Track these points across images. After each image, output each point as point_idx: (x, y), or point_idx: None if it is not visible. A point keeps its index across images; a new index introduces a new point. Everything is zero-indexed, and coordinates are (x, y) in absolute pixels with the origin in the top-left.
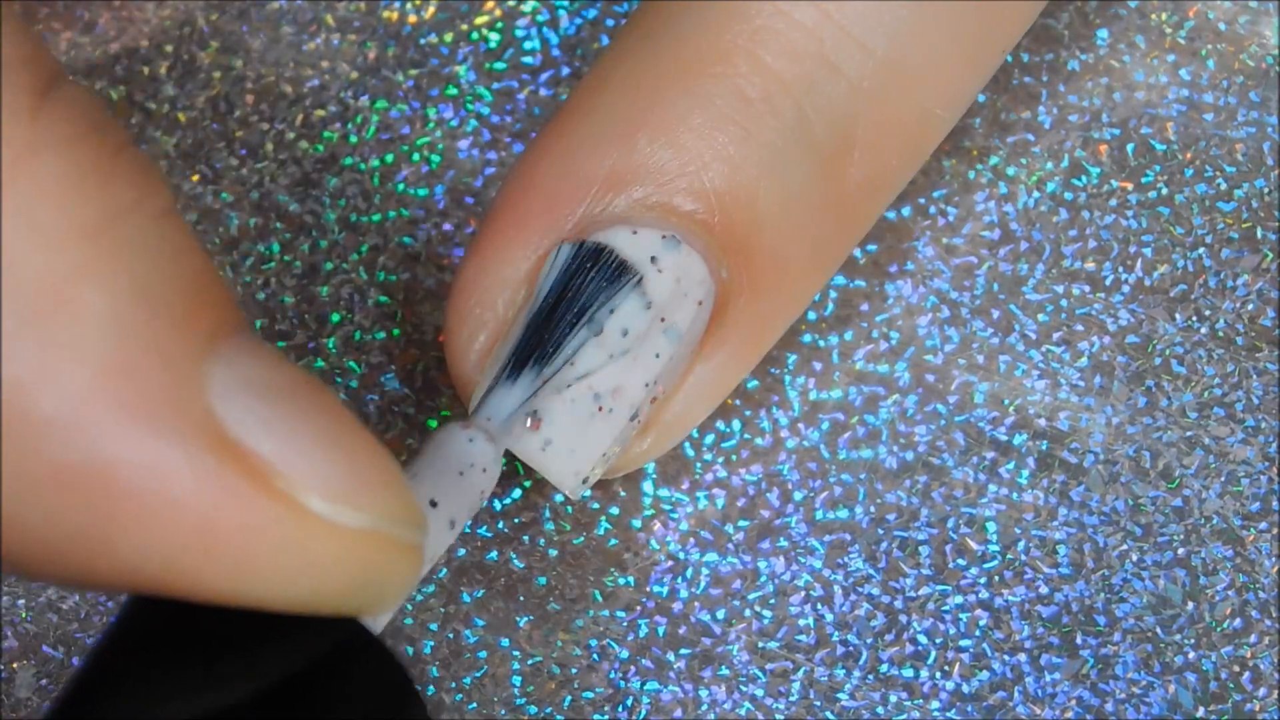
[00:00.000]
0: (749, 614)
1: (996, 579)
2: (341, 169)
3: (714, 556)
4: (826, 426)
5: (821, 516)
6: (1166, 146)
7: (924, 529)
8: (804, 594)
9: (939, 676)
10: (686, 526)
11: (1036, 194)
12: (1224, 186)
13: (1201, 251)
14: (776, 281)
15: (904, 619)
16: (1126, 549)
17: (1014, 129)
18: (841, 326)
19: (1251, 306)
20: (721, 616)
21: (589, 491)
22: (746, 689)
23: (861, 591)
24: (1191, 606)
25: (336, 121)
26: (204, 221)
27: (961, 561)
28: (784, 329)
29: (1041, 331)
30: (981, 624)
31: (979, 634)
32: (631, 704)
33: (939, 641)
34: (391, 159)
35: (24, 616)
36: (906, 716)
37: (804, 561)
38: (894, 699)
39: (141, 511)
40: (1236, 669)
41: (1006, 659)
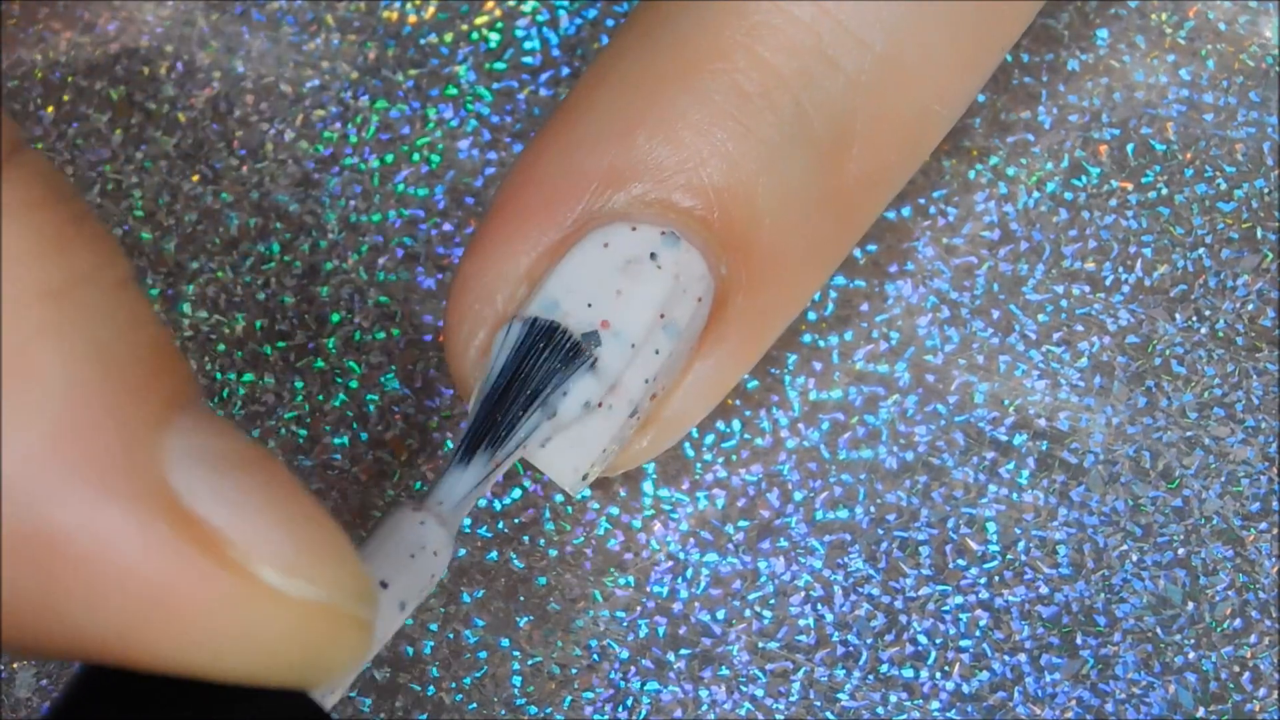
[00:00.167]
0: (749, 614)
1: (996, 579)
2: (341, 169)
3: (714, 556)
4: (826, 426)
5: (821, 516)
6: (1166, 146)
7: (924, 529)
8: (804, 594)
9: (939, 677)
10: (686, 526)
11: (1036, 194)
12: (1224, 186)
13: (1201, 251)
14: (776, 277)
15: (904, 619)
16: (1126, 549)
17: (1014, 129)
18: (841, 326)
19: (1251, 306)
20: (721, 617)
21: (589, 491)
22: (746, 689)
23: (861, 592)
24: (1191, 607)
25: (336, 121)
26: (204, 221)
27: (961, 562)
28: (784, 326)
29: (1041, 331)
30: (981, 624)
31: (979, 634)
32: (631, 704)
33: (939, 642)
34: (391, 159)
35: None
36: (906, 716)
37: (804, 562)
38: (894, 699)
39: (94, 578)
40: (1236, 669)
41: (1006, 659)
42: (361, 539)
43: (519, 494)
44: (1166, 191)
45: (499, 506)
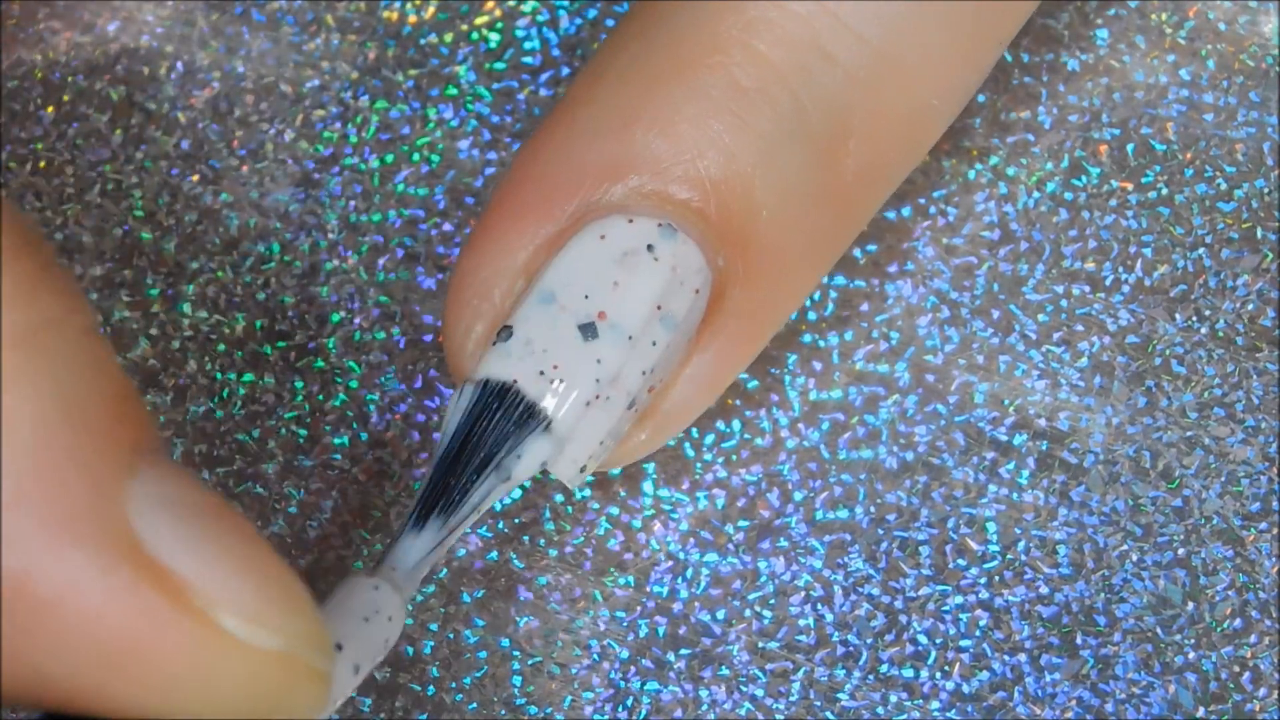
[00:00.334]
0: (749, 614)
1: (996, 579)
2: (341, 169)
3: (714, 556)
4: (826, 426)
5: (821, 516)
6: (1166, 146)
7: (924, 529)
8: (804, 594)
9: (939, 676)
10: (686, 526)
11: (1036, 194)
12: (1224, 186)
13: (1201, 251)
14: (773, 270)
15: (904, 619)
16: (1126, 549)
17: (1014, 129)
18: (841, 326)
19: (1251, 306)
20: (721, 616)
21: (589, 491)
22: (746, 689)
23: (861, 592)
24: (1191, 606)
25: (336, 121)
26: (204, 221)
27: (961, 561)
28: (782, 320)
29: (1041, 331)
30: (981, 624)
31: (979, 634)
32: (631, 704)
33: (939, 642)
34: (391, 159)
35: None
36: (906, 716)
37: (804, 561)
38: (894, 699)
39: (57, 623)
40: (1236, 669)
41: (1006, 659)
42: (361, 539)
43: (519, 494)
44: (1166, 191)
45: (499, 507)
